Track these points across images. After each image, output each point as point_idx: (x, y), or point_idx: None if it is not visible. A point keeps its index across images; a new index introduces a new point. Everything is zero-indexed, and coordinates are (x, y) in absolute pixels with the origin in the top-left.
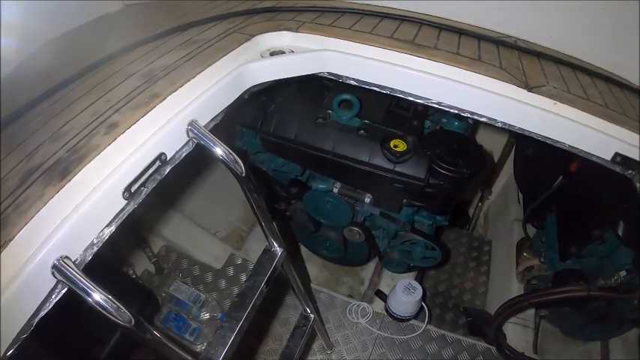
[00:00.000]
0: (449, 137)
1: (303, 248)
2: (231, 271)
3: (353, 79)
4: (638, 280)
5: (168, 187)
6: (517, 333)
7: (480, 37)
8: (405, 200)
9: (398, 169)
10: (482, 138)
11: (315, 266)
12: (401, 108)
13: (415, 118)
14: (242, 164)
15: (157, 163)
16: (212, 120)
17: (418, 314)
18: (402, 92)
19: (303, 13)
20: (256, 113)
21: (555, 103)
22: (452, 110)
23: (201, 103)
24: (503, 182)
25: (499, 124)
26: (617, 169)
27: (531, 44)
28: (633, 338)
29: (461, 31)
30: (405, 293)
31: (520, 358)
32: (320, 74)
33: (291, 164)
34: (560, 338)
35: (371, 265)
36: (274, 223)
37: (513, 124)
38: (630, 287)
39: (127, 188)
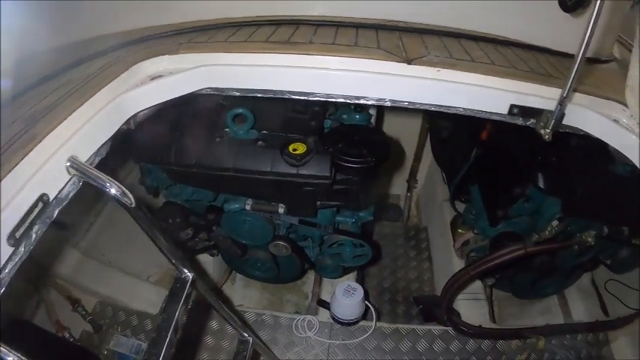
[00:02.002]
0: (350, 131)
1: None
2: None
3: (235, 90)
4: (574, 226)
5: (90, 241)
6: (470, 308)
7: (357, 25)
8: (319, 203)
9: (302, 171)
10: (396, 129)
11: (255, 290)
12: (298, 112)
13: (313, 119)
14: (131, 196)
15: (40, 204)
16: (95, 154)
17: (366, 314)
18: (286, 92)
19: (182, 35)
20: (157, 146)
21: (439, 70)
22: (340, 100)
23: (79, 138)
24: (426, 168)
25: (388, 103)
26: (518, 121)
27: (413, 24)
28: (587, 282)
29: (338, 24)
30: (345, 296)
31: (478, 331)
32: (202, 91)
33: (200, 191)
34: (517, 302)
35: (311, 277)
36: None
37: (401, 99)
38: (567, 235)
39: (12, 234)
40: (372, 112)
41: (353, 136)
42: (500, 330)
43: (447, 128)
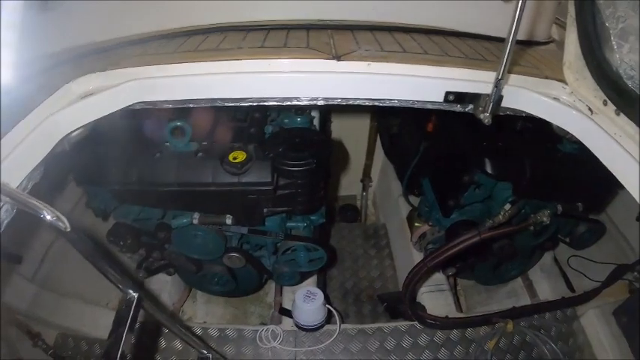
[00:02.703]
0: (291, 134)
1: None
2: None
3: (166, 102)
4: (528, 207)
5: (45, 272)
6: (435, 300)
7: (288, 27)
8: (266, 210)
9: (243, 180)
10: (346, 129)
11: (217, 305)
12: (238, 120)
13: (253, 126)
14: (65, 220)
15: None
16: (28, 179)
17: (330, 318)
18: (217, 100)
19: (111, 50)
20: (96, 167)
21: (369, 64)
22: (272, 103)
23: (9, 164)
24: (379, 166)
25: (321, 102)
26: (456, 108)
27: (345, 21)
28: (549, 261)
29: (269, 27)
30: (306, 302)
31: (445, 322)
32: (134, 106)
33: (147, 209)
34: (483, 288)
35: (273, 286)
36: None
37: (334, 96)
38: (523, 217)
39: None
40: (315, 114)
41: (294, 139)
42: (467, 318)
43: (395, 124)
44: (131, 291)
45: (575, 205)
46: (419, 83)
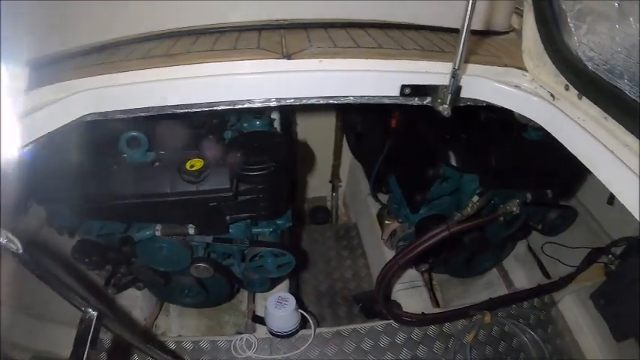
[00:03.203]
0: (249, 138)
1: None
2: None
3: (117, 112)
4: (497, 198)
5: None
6: (410, 297)
7: (240, 29)
8: (228, 217)
9: (202, 188)
10: (312, 130)
11: (191, 317)
12: (195, 127)
13: (211, 133)
14: (17, 240)
15: None
16: None
17: (305, 323)
18: (167, 108)
19: (60, 62)
20: (52, 183)
21: (321, 61)
22: (224, 107)
23: None
24: (348, 166)
25: (274, 103)
26: (414, 101)
27: (298, 20)
28: (523, 250)
29: (221, 30)
30: (278, 308)
31: (421, 318)
32: (85, 118)
33: (109, 223)
34: (459, 282)
35: (246, 295)
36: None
37: (286, 96)
38: (492, 208)
39: None
40: (275, 116)
41: (252, 143)
42: (444, 313)
43: (359, 122)
44: (90, 309)
45: (544, 192)
46: (373, 78)
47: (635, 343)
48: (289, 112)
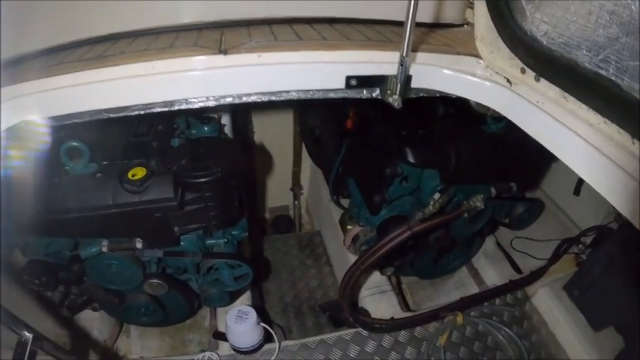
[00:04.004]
0: (195, 145)
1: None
2: None
3: (50, 119)
4: (461, 194)
5: None
6: (378, 302)
7: (180, 29)
8: (176, 228)
9: (144, 198)
10: (270, 137)
11: (153, 337)
12: (140, 135)
13: (156, 140)
14: None
15: None
16: None
17: (270, 336)
18: (101, 112)
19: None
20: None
21: (260, 55)
22: (160, 108)
23: None
24: (308, 172)
25: (212, 103)
26: (362, 94)
27: (242, 19)
28: (492, 247)
29: (159, 32)
30: (238, 323)
31: (390, 324)
32: (17, 127)
33: (55, 241)
34: (428, 283)
35: (209, 310)
36: None
37: (225, 94)
38: (456, 204)
39: None
40: (225, 121)
41: (198, 149)
42: (414, 317)
43: (316, 126)
44: (25, 332)
45: (508, 185)
46: (315, 70)
47: (614, 331)
48: (242, 117)
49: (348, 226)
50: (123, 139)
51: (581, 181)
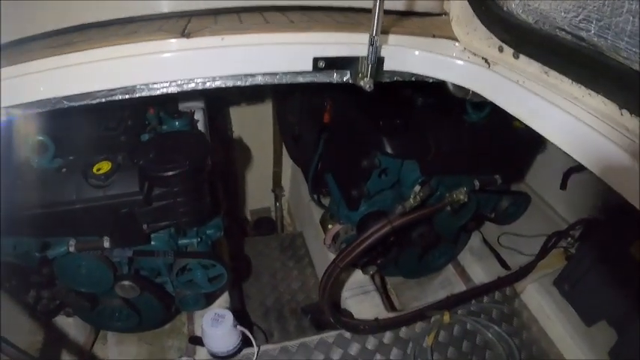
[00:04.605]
0: (164, 139)
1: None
2: None
3: (9, 108)
4: (444, 188)
5: None
6: (361, 303)
7: (146, 19)
8: (145, 226)
9: (109, 192)
10: (250, 137)
11: (131, 344)
12: (110, 129)
13: (125, 134)
14: None
15: None
16: None
17: (248, 340)
18: (61, 100)
19: None
20: None
21: (223, 38)
22: (122, 95)
23: None
24: (289, 173)
25: (174, 88)
26: (333, 77)
27: (210, 9)
28: (478, 243)
29: (129, 21)
30: (214, 326)
31: (374, 325)
32: None
33: (21, 241)
34: (414, 283)
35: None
36: None
37: (187, 77)
38: (438, 198)
39: None
40: (198, 116)
41: (166, 143)
42: (398, 317)
43: (296, 124)
44: None
45: (492, 177)
46: (281, 52)
47: (607, 325)
48: (221, 116)
49: (329, 225)
50: (92, 135)
51: (567, 175)
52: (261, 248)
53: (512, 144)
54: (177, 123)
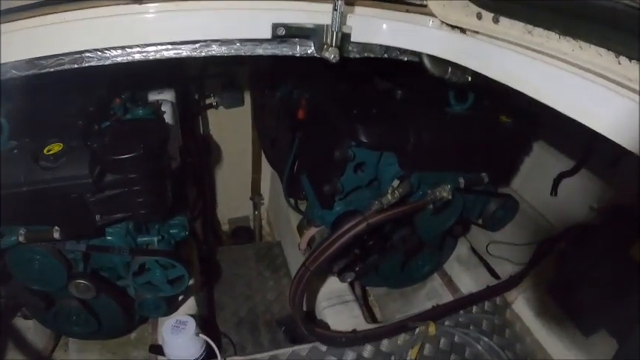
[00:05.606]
0: (122, 124)
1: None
2: None
3: None
4: (426, 185)
5: None
6: (339, 314)
7: None
8: (98, 217)
9: (58, 174)
10: (229, 145)
11: (93, 353)
12: (69, 115)
13: (84, 119)
14: None
15: None
16: None
17: (213, 350)
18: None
19: None
20: None
21: (177, 4)
22: (67, 65)
23: None
24: (269, 181)
25: (122, 57)
26: (296, 50)
27: None
28: (466, 252)
29: None
30: (174, 334)
31: (352, 337)
32: None
33: None
34: (398, 294)
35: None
36: None
37: (133, 43)
38: (420, 197)
39: None
40: (165, 108)
41: (124, 128)
42: (379, 328)
43: (273, 127)
44: None
45: (478, 175)
46: (238, 16)
47: (606, 335)
48: (195, 116)
49: (305, 230)
50: (51, 119)
51: (557, 181)
52: (236, 256)
53: (498, 139)
54: (140, 111)
